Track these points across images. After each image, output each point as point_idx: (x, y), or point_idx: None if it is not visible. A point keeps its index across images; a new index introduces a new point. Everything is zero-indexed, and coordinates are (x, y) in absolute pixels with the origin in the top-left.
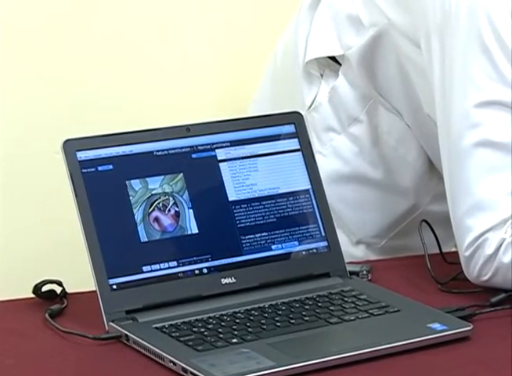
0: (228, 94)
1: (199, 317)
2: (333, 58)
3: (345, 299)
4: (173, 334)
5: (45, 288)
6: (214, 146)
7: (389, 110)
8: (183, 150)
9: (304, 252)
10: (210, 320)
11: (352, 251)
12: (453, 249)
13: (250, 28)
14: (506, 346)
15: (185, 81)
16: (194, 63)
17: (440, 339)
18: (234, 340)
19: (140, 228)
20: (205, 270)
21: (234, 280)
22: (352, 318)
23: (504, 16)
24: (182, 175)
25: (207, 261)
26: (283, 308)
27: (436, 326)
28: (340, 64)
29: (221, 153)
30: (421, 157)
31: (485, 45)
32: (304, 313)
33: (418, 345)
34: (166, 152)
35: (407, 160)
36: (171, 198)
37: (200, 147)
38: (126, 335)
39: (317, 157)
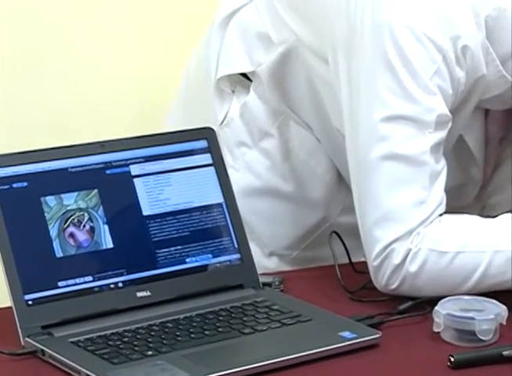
0: (143, 110)
1: (114, 331)
2: (244, 74)
3: (258, 310)
4: (89, 348)
5: None
6: (129, 161)
7: (300, 124)
8: (98, 166)
9: (218, 264)
10: (126, 333)
11: (265, 262)
12: (362, 259)
13: (162, 45)
14: (414, 352)
15: (100, 97)
16: (109, 80)
17: (350, 347)
18: (149, 352)
19: (55, 244)
20: (120, 284)
21: (149, 293)
22: (265, 328)
23: (407, 32)
24: (96, 190)
25: (122, 275)
26: (198, 319)
27: (346, 334)
28: (251, 80)
29: (135, 169)
30: (331, 170)
31: (389, 62)
32: (218, 325)
33: (329, 353)
34: (80, 168)
35: (317, 174)
36: (85, 214)
37: (114, 163)
38: (42, 350)
39: (229, 171)
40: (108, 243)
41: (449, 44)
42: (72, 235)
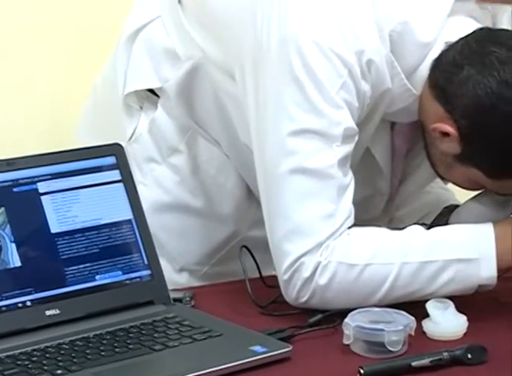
0: (51, 127)
1: (23, 350)
2: (151, 90)
3: (169, 326)
4: None
5: None
6: (36, 179)
7: (208, 140)
8: (4, 184)
9: (127, 281)
10: (35, 353)
11: (176, 278)
12: (273, 273)
13: (69, 62)
14: (324, 365)
15: (8, 112)
16: (19, 95)
17: (261, 361)
18: (59, 371)
19: None
20: (29, 303)
21: (58, 312)
22: (176, 344)
23: (313, 47)
24: (3, 209)
25: (30, 293)
26: (108, 337)
27: (257, 348)
28: (158, 96)
29: (42, 186)
30: (240, 184)
31: (296, 76)
32: (128, 342)
33: (240, 367)
34: None
35: (226, 189)
36: None
37: (21, 181)
38: None
39: (139, 187)
40: (15, 261)
41: (355, 58)
42: None
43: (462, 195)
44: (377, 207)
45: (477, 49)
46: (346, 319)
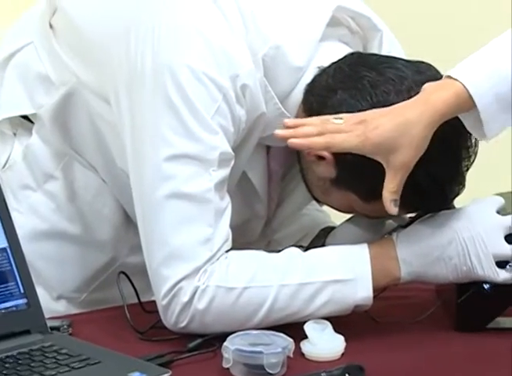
0: None
1: None
2: (25, 117)
3: (46, 355)
4: None
5: None
6: None
7: (84, 166)
8: None
9: (3, 311)
10: None
11: (53, 306)
12: (152, 298)
13: None
14: None
15: None
16: None
17: None
18: None
19: None
20: None
21: None
22: (53, 373)
23: (187, 72)
24: None
25: None
26: None
27: (136, 375)
28: (33, 123)
29: None
30: (118, 210)
31: (171, 101)
32: (5, 372)
33: None
34: None
35: (104, 215)
36: None
37: None
38: None
39: (13, 214)
40: None
41: (229, 83)
42: None
43: (337, 217)
44: (255, 230)
45: (349, 73)
46: (225, 343)
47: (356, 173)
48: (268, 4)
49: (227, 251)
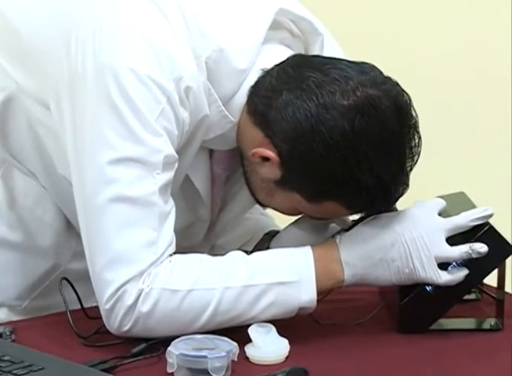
0: None
1: None
2: None
3: None
4: None
5: None
6: None
7: (24, 172)
8: None
9: None
10: None
11: None
12: (95, 304)
13: None
14: None
15: None
16: None
17: None
18: None
19: None
20: None
21: None
22: None
23: (130, 75)
24: None
25: None
26: None
27: None
28: None
29: None
30: (59, 217)
31: (114, 104)
32: None
33: None
34: None
35: (45, 221)
36: None
37: None
38: None
39: None
40: None
41: (173, 85)
42: None
43: (282, 221)
44: (198, 234)
45: (293, 74)
46: (169, 348)
47: (303, 173)
48: (210, 6)
49: (171, 255)
